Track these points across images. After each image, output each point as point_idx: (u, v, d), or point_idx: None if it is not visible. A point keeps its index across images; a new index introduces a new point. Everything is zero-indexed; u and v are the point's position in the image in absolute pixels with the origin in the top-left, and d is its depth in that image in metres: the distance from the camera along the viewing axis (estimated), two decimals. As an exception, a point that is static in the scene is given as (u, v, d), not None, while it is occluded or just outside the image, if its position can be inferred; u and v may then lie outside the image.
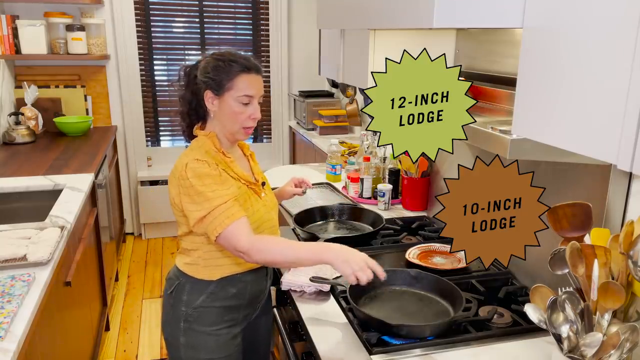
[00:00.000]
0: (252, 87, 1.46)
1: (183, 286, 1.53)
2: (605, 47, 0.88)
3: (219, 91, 1.45)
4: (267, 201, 1.59)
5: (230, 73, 1.45)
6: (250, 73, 1.46)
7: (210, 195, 1.39)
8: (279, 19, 4.37)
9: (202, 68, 1.48)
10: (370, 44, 1.90)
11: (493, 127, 1.16)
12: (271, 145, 4.68)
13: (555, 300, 1.10)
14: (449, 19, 1.10)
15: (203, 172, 1.41)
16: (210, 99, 1.47)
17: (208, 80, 1.46)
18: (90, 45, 3.77)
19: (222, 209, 1.39)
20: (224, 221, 1.38)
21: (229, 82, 1.45)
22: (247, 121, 1.48)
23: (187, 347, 1.53)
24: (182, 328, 1.52)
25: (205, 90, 1.46)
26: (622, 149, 0.86)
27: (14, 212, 2.47)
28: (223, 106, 1.47)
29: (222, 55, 1.47)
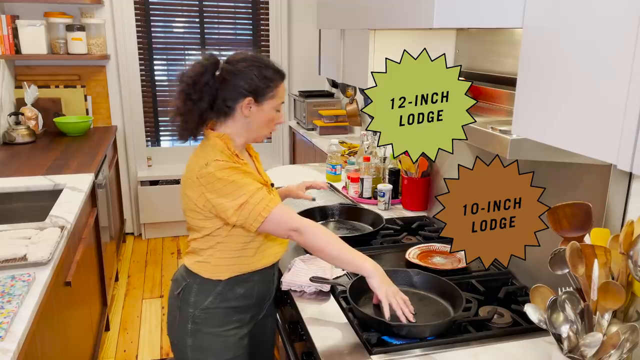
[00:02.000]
0: (285, 94, 1.52)
1: (191, 287, 1.51)
2: (605, 47, 0.88)
3: (262, 99, 1.45)
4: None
5: (275, 81, 1.46)
6: (284, 80, 1.50)
7: (243, 182, 1.38)
8: (279, 19, 4.37)
9: (241, 74, 1.42)
10: (370, 44, 1.90)
11: (493, 127, 1.16)
12: (271, 145, 4.68)
13: (555, 300, 1.10)
14: (449, 19, 1.10)
15: (228, 165, 1.39)
16: (249, 105, 1.44)
17: (255, 88, 1.43)
18: (90, 45, 3.77)
19: (262, 194, 1.38)
20: (269, 204, 1.38)
21: (273, 91, 1.46)
22: (275, 126, 1.54)
23: (194, 349, 1.51)
24: (190, 330, 1.50)
25: (245, 97, 1.43)
26: (622, 149, 0.86)
27: (14, 212, 2.47)
28: (259, 113, 1.46)
29: (260, 61, 1.45)
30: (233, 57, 1.48)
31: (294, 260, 1.69)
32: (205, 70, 1.43)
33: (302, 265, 1.66)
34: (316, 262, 1.68)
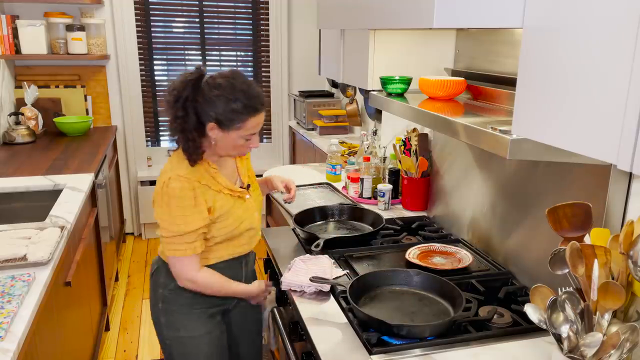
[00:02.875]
0: (258, 125, 1.50)
1: (160, 269, 1.63)
2: (605, 47, 0.88)
3: (226, 128, 1.46)
4: (250, 204, 1.65)
5: (243, 116, 1.45)
6: (258, 114, 1.48)
7: (180, 220, 1.48)
8: (279, 19, 4.37)
9: (210, 99, 1.43)
10: (370, 44, 1.90)
11: (493, 127, 1.16)
12: (271, 145, 4.68)
13: (555, 300, 1.10)
14: (449, 19, 1.10)
15: (181, 194, 1.47)
16: (213, 130, 1.47)
17: (217, 117, 1.44)
18: (90, 45, 3.77)
19: (187, 238, 1.50)
20: (186, 251, 1.51)
21: (240, 124, 1.46)
22: (245, 150, 1.55)
23: (167, 326, 1.63)
24: (161, 308, 1.62)
25: (210, 122, 1.45)
26: (622, 149, 0.86)
27: (14, 212, 2.47)
28: (226, 139, 1.49)
29: (233, 90, 1.43)
30: (213, 79, 1.46)
31: (294, 260, 1.69)
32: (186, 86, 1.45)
33: (302, 265, 1.66)
34: (316, 262, 1.68)
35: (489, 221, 1.79)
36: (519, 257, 1.64)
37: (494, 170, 1.73)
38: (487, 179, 1.77)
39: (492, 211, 1.76)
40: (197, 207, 1.49)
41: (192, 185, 1.48)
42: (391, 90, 1.74)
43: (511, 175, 1.65)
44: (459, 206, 1.97)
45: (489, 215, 1.78)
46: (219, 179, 1.56)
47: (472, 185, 1.87)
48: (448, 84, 1.60)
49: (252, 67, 4.49)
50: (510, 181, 1.66)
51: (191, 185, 1.48)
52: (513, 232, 1.66)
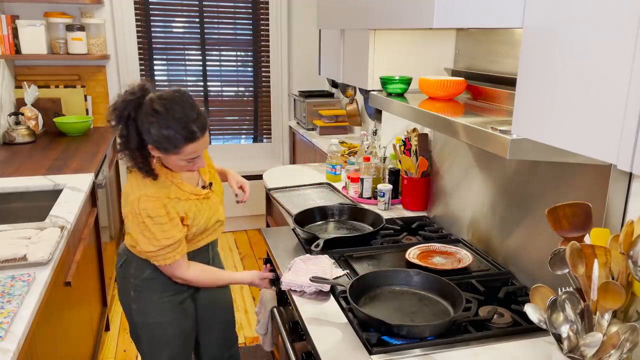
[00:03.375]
0: (198, 150, 1.51)
1: (130, 261, 1.70)
2: (605, 47, 0.88)
3: (165, 152, 1.49)
4: (213, 201, 1.73)
5: (175, 143, 1.45)
6: (195, 140, 1.47)
7: (160, 235, 1.55)
8: (279, 19, 4.37)
9: (143, 125, 1.44)
10: (370, 44, 1.90)
11: (493, 127, 1.16)
12: (271, 145, 4.68)
13: (555, 300, 1.10)
14: (449, 19, 1.10)
15: (155, 214, 1.52)
16: (154, 150, 1.50)
17: (152, 142, 1.46)
18: (90, 45, 3.77)
19: (171, 249, 1.58)
20: (175, 257, 1.60)
21: (176, 150, 1.47)
22: (192, 169, 1.58)
23: (137, 312, 1.72)
24: (133, 296, 1.71)
25: (149, 144, 1.48)
26: (622, 149, 0.86)
27: (14, 212, 2.47)
28: (168, 159, 1.53)
29: (165, 118, 1.42)
30: (151, 102, 1.45)
31: (294, 261, 1.69)
32: (126, 106, 1.46)
33: (302, 265, 1.66)
34: (316, 262, 1.68)
35: (489, 221, 1.79)
36: (519, 257, 1.64)
37: (494, 170, 1.73)
38: (487, 179, 1.77)
39: (492, 211, 1.76)
40: (172, 221, 1.57)
41: (162, 202, 1.54)
42: (391, 90, 1.74)
43: (511, 175, 1.65)
44: (459, 206, 1.97)
45: (489, 215, 1.78)
46: (185, 188, 1.62)
47: (472, 185, 1.87)
48: (448, 84, 1.60)
49: (252, 67, 4.49)
50: (510, 181, 1.66)
51: (161, 203, 1.54)
52: (513, 232, 1.66)
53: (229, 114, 4.57)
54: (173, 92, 1.48)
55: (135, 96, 1.47)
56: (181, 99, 1.46)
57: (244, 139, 4.70)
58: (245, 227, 4.54)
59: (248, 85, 4.54)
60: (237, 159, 4.59)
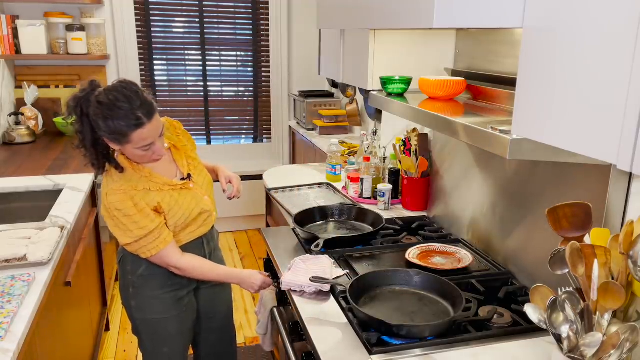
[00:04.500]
0: (149, 137, 1.50)
1: (127, 258, 1.71)
2: (605, 46, 0.88)
3: (118, 143, 1.49)
4: (197, 191, 1.72)
5: (123, 132, 1.45)
6: (143, 126, 1.47)
7: (132, 227, 1.56)
8: (279, 19, 4.37)
9: (92, 119, 1.46)
10: (370, 44, 1.90)
11: (493, 127, 1.16)
12: (271, 145, 4.68)
13: (555, 300, 1.10)
14: (449, 19, 1.10)
15: (121, 206, 1.55)
16: (111, 143, 1.52)
17: (104, 135, 1.48)
18: (90, 45, 3.77)
19: (150, 238, 1.58)
20: (159, 245, 1.59)
21: (126, 139, 1.47)
22: (152, 157, 1.57)
23: (137, 309, 1.73)
24: (132, 293, 1.72)
25: (103, 136, 1.49)
26: (622, 149, 0.86)
27: (14, 212, 2.47)
28: (125, 150, 1.53)
29: (110, 109, 1.43)
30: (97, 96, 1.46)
31: (294, 260, 1.69)
32: (78, 103, 1.49)
33: (302, 265, 1.66)
34: (316, 262, 1.68)
35: (489, 221, 1.79)
36: (519, 257, 1.64)
37: (494, 170, 1.73)
38: (487, 179, 1.77)
39: (492, 211, 1.76)
40: (142, 212, 1.56)
41: (129, 195, 1.55)
42: (391, 90, 1.74)
43: (511, 175, 1.65)
44: (459, 206, 1.97)
45: (489, 215, 1.78)
46: (156, 179, 1.61)
47: (472, 185, 1.87)
48: (448, 84, 1.60)
49: (252, 67, 4.49)
50: (510, 181, 1.66)
51: (128, 196, 1.55)
52: (513, 232, 1.66)
53: (229, 114, 4.57)
54: (118, 83, 1.49)
55: (85, 92, 1.49)
56: (125, 89, 1.47)
57: (244, 139, 4.70)
58: (245, 227, 4.54)
59: (248, 85, 4.54)
60: (237, 159, 4.59)
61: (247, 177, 4.39)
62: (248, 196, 4.37)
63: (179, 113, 4.34)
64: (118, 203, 1.55)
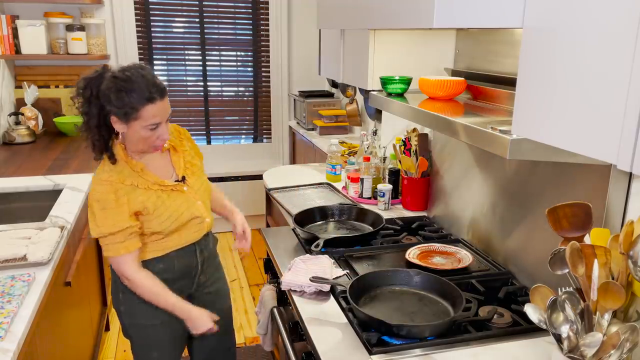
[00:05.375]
0: (158, 115, 1.50)
1: None
2: (605, 47, 0.88)
3: (125, 120, 1.48)
4: (190, 195, 1.67)
5: (135, 105, 1.45)
6: (155, 102, 1.48)
7: (101, 222, 1.52)
8: (279, 19, 4.37)
9: (104, 93, 1.47)
10: (370, 44, 1.90)
11: (493, 127, 1.16)
12: (271, 145, 4.68)
13: (555, 300, 1.10)
14: (449, 19, 1.10)
15: (102, 197, 1.52)
16: (117, 123, 1.50)
17: (113, 109, 1.47)
18: (90, 45, 3.77)
19: (114, 238, 1.53)
20: (119, 250, 1.54)
21: (135, 113, 1.46)
22: (156, 142, 1.55)
23: (126, 314, 1.71)
24: (121, 298, 1.68)
25: (111, 115, 1.49)
26: (622, 149, 0.86)
27: (14, 212, 2.47)
28: (130, 132, 1.51)
29: (125, 82, 1.45)
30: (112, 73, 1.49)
31: (294, 261, 1.69)
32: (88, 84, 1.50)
33: (302, 265, 1.66)
34: (316, 262, 1.68)
35: (489, 221, 1.79)
36: (519, 257, 1.64)
37: (494, 170, 1.73)
38: (487, 179, 1.77)
39: (492, 211, 1.76)
40: (119, 208, 1.52)
41: (115, 187, 1.53)
42: (391, 90, 1.74)
43: (511, 175, 1.65)
44: (459, 206, 1.97)
45: (489, 215, 1.78)
46: (147, 176, 1.59)
47: (472, 185, 1.87)
48: (448, 84, 1.60)
49: (252, 67, 4.49)
50: (510, 181, 1.66)
51: (113, 188, 1.52)
52: (513, 232, 1.66)
53: (229, 114, 4.57)
54: (133, 64, 1.52)
55: (97, 73, 1.51)
56: (141, 68, 1.50)
57: (244, 139, 4.70)
58: (245, 227, 4.53)
59: (248, 85, 4.54)
60: (237, 159, 4.59)
61: (247, 177, 4.39)
62: (248, 196, 4.37)
63: (179, 113, 4.34)
64: (99, 194, 1.52)
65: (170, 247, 1.66)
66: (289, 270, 1.66)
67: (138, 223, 1.57)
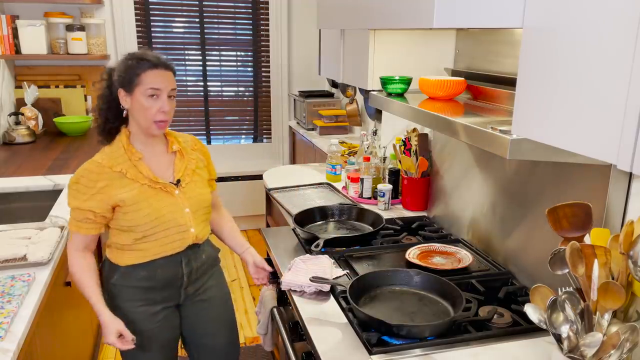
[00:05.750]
0: (158, 80, 1.54)
1: (106, 262, 1.68)
2: (605, 47, 0.88)
3: (130, 88, 1.54)
4: (179, 200, 1.62)
5: (138, 69, 1.53)
6: (158, 69, 1.55)
7: (71, 195, 1.56)
8: (279, 19, 4.37)
9: (116, 68, 1.58)
10: (370, 44, 1.90)
11: (493, 127, 1.16)
12: (271, 145, 4.68)
13: (555, 300, 1.10)
14: (449, 19, 1.10)
15: (81, 174, 1.55)
16: (123, 97, 1.56)
17: (119, 79, 1.55)
18: (90, 45, 3.77)
19: (74, 214, 1.56)
20: (71, 226, 1.58)
21: (137, 78, 1.53)
22: (157, 115, 1.55)
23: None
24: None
25: (118, 88, 1.56)
26: (622, 149, 0.86)
27: (14, 212, 2.47)
28: (134, 103, 1.55)
29: (134, 54, 1.57)
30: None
31: (294, 261, 1.69)
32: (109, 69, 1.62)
33: (302, 265, 1.66)
34: (316, 262, 1.68)
35: (489, 221, 1.79)
36: (519, 257, 1.64)
37: (494, 170, 1.73)
38: (487, 179, 1.77)
39: (492, 211, 1.76)
40: (90, 189, 1.53)
41: (100, 170, 1.55)
42: (391, 90, 1.74)
43: (511, 175, 1.65)
44: (459, 206, 1.97)
45: (489, 215, 1.78)
46: (140, 168, 1.58)
47: (472, 185, 1.87)
48: (448, 84, 1.60)
49: (252, 67, 4.49)
50: (510, 181, 1.66)
51: (98, 170, 1.55)
52: (513, 232, 1.66)
53: (229, 114, 4.57)
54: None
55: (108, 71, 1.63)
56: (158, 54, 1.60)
57: (244, 139, 4.70)
58: (245, 227, 4.53)
59: (248, 85, 4.54)
60: (237, 159, 4.59)
61: (247, 177, 4.39)
62: (248, 196, 4.37)
63: (179, 113, 4.34)
64: (82, 170, 1.55)
65: (152, 254, 1.61)
66: (289, 270, 1.66)
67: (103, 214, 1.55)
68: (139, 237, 1.58)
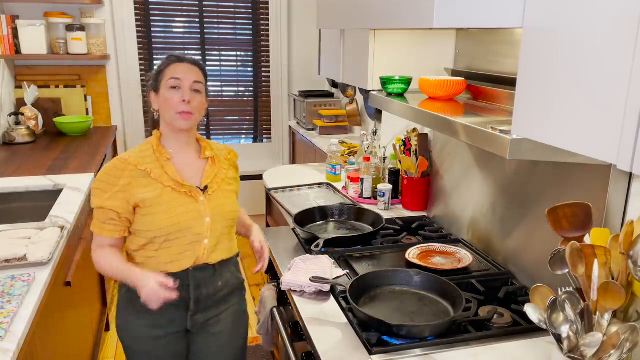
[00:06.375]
0: (179, 72, 1.55)
1: None
2: (605, 47, 0.88)
3: (157, 87, 1.56)
4: (202, 207, 1.54)
5: (163, 66, 1.57)
6: (181, 62, 1.57)
7: (94, 194, 1.53)
8: (279, 19, 4.37)
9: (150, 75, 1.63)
10: (370, 44, 1.90)
11: (493, 127, 1.16)
12: (271, 145, 4.68)
13: (555, 300, 1.10)
14: (449, 19, 1.10)
15: (106, 172, 1.52)
16: (154, 99, 1.58)
17: (149, 80, 1.61)
18: (90, 45, 3.77)
19: (97, 214, 1.53)
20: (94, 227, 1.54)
21: (162, 74, 1.55)
22: (179, 105, 1.52)
23: (118, 328, 1.64)
24: (116, 311, 1.64)
25: (150, 92, 1.59)
26: (622, 149, 0.86)
27: (14, 212, 2.47)
28: (161, 100, 1.56)
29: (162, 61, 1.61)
30: None
31: (294, 260, 1.69)
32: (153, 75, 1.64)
33: (302, 265, 1.66)
34: (316, 262, 1.68)
35: (489, 221, 1.79)
36: (519, 257, 1.64)
37: (494, 170, 1.73)
38: (487, 179, 1.77)
39: (492, 211, 1.76)
40: (113, 186, 1.49)
41: (125, 166, 1.52)
42: (391, 90, 1.74)
43: (511, 175, 1.65)
44: (459, 206, 1.97)
45: (489, 215, 1.78)
46: (167, 168, 1.52)
47: (472, 185, 1.87)
48: (448, 84, 1.60)
49: (252, 67, 4.49)
50: (510, 181, 1.66)
51: (123, 166, 1.52)
52: (513, 232, 1.66)
53: (229, 114, 4.57)
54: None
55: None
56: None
57: (244, 139, 4.70)
58: (245, 227, 4.53)
59: (248, 85, 4.54)
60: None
61: (247, 177, 4.39)
62: (248, 196, 4.37)
63: (179, 113, 4.34)
64: (108, 168, 1.52)
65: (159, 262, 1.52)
66: (289, 270, 1.66)
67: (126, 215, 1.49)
68: (149, 242, 1.51)
